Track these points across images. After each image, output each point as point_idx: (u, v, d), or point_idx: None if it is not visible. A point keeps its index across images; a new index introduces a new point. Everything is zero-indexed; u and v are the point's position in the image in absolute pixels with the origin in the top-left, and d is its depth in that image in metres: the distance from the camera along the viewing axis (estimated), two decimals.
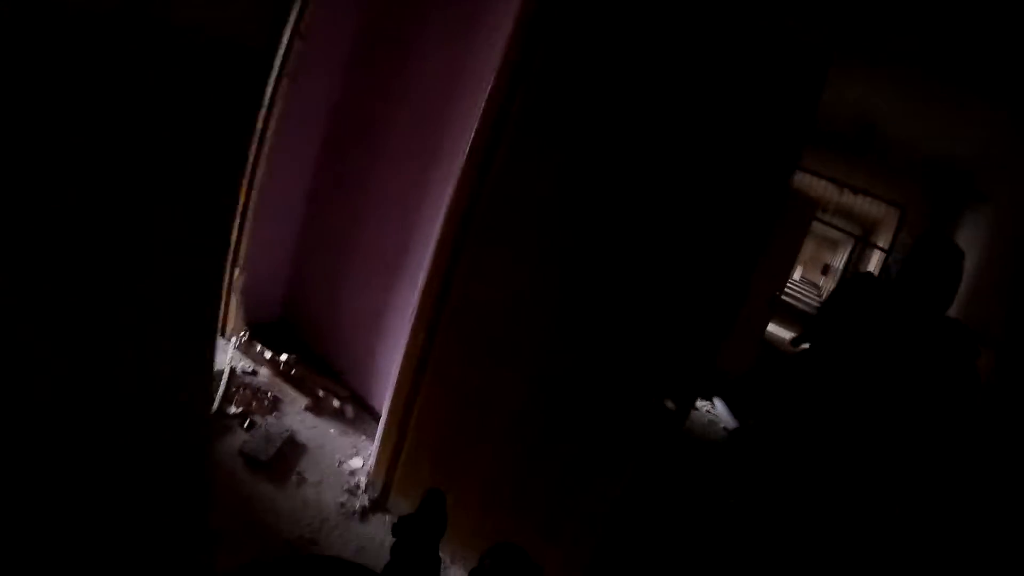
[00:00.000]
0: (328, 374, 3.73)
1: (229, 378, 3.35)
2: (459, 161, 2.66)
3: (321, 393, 3.51)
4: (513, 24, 2.51)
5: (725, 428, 5.25)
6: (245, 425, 3.08)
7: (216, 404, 3.11)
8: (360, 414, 3.52)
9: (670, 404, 2.28)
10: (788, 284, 11.11)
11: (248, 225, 3.69)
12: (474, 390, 2.64)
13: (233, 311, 3.77)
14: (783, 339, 9.01)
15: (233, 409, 3.15)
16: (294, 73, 3.43)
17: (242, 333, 3.72)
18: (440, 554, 1.46)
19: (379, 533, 2.71)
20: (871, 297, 2.46)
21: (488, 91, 2.54)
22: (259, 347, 3.68)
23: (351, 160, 3.81)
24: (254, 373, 3.54)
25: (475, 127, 2.58)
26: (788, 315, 11.31)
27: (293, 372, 3.59)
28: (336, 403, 3.48)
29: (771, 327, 8.33)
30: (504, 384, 2.57)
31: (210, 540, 2.21)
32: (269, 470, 2.85)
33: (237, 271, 3.73)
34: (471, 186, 2.60)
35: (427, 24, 3.42)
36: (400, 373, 2.83)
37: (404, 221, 3.45)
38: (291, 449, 3.06)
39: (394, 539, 1.44)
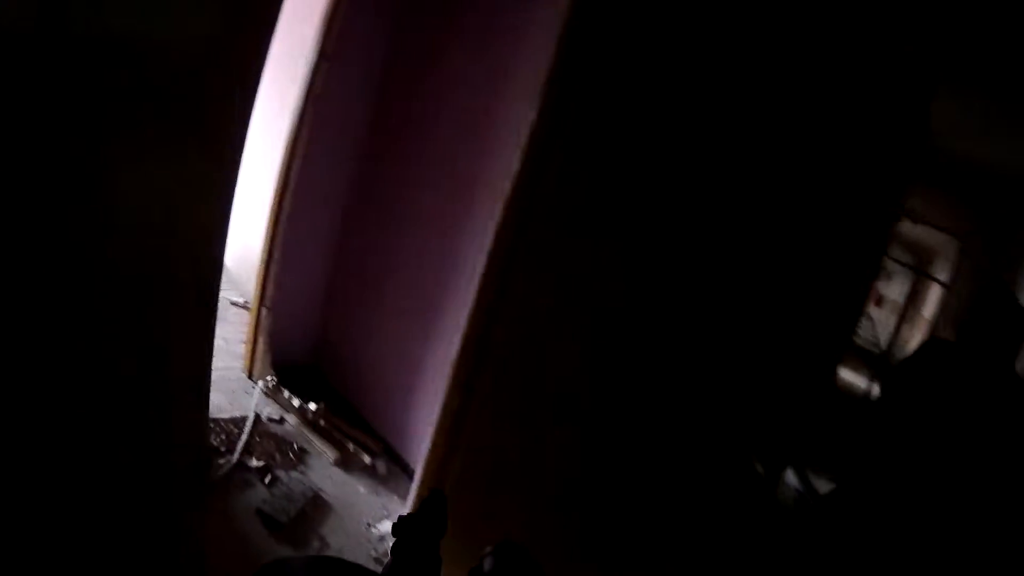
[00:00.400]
0: (360, 425, 3.43)
1: (253, 426, 3.07)
2: (502, 191, 2.37)
3: (351, 447, 3.21)
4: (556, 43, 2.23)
5: (797, 491, 4.73)
6: (267, 480, 2.78)
7: (236, 455, 2.82)
8: (393, 470, 3.20)
9: (759, 468, 1.92)
10: None
11: (275, 263, 3.47)
12: (521, 451, 2.31)
13: (260, 354, 3.52)
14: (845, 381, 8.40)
15: (254, 462, 2.86)
16: (320, 97, 3.24)
17: (269, 377, 3.46)
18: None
19: None
20: (946, 364, 2.38)
21: (535, 116, 2.27)
22: (287, 393, 3.41)
23: (383, 192, 3.58)
24: (280, 421, 3.26)
25: (519, 155, 2.30)
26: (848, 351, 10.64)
27: (322, 422, 3.29)
28: (367, 458, 3.16)
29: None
30: (557, 445, 2.23)
31: None
32: (288, 532, 2.54)
33: (264, 311, 3.49)
34: (517, 219, 2.31)
35: (461, 44, 3.20)
36: (436, 430, 2.51)
37: (442, 257, 3.16)
38: (314, 509, 2.74)
39: (394, 539, 1.41)
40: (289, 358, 3.72)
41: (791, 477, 4.89)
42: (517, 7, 2.89)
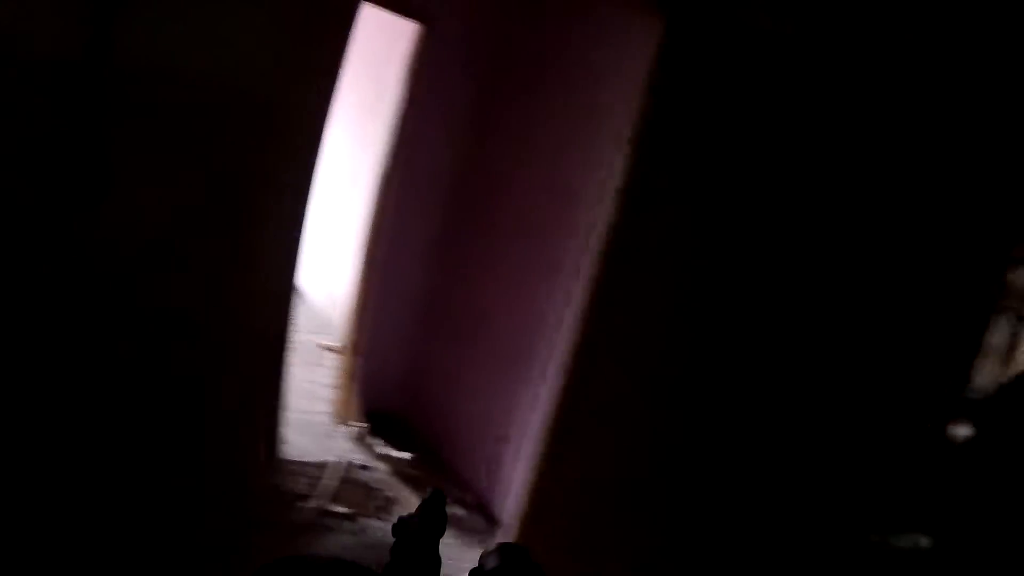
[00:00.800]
0: (450, 476, 3.23)
1: (340, 472, 2.95)
2: (590, 238, 2.23)
3: None
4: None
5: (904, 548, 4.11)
6: (349, 527, 2.62)
7: (320, 501, 2.69)
8: (481, 523, 2.97)
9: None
10: None
11: (366, 308, 3.42)
12: (616, 507, 2.07)
13: (349, 399, 3.43)
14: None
15: (339, 507, 2.71)
16: (407, 143, 3.23)
17: (359, 424, 3.36)
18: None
19: None
20: None
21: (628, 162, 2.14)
22: (376, 440, 3.29)
23: (473, 240, 3.48)
24: (368, 468, 3.12)
25: (614, 202, 2.18)
26: None
27: (410, 471, 3.13)
28: (456, 511, 2.95)
29: None
30: (654, 504, 1.99)
31: None
32: None
33: (354, 356, 3.43)
34: (610, 268, 2.16)
35: (548, 88, 3.12)
36: (529, 484, 2.32)
37: (532, 305, 3.00)
38: None
39: (394, 539, 1.39)
40: (379, 405, 3.62)
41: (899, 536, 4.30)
42: (606, 52, 2.80)
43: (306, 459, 2.99)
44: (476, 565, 2.38)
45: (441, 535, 1.42)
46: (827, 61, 1.94)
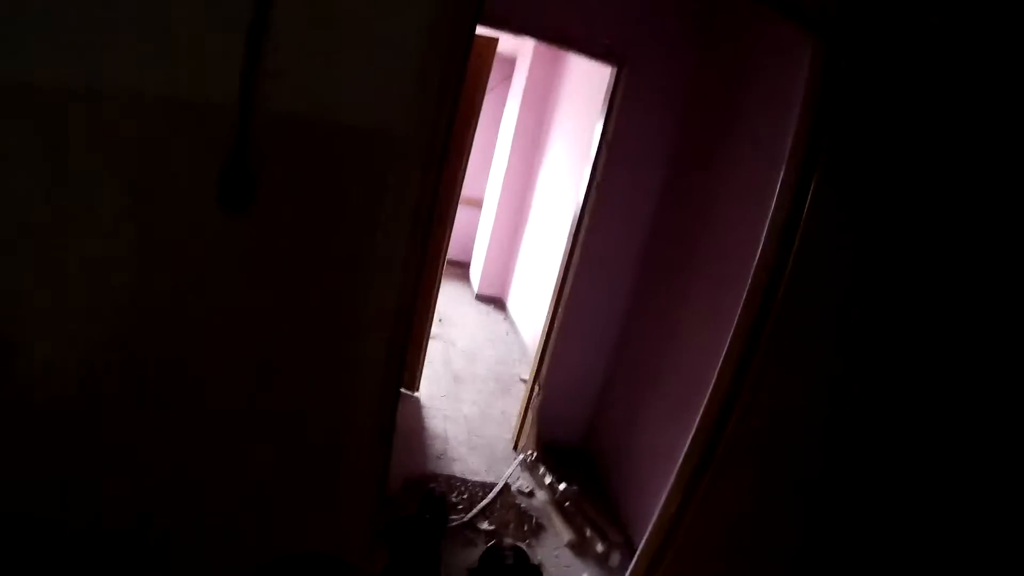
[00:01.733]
0: (610, 514, 3.26)
1: (499, 494, 3.18)
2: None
3: (588, 532, 3.06)
4: None
5: None
6: (491, 544, 2.82)
7: (469, 516, 2.94)
8: (626, 564, 2.93)
9: None
10: None
11: (552, 342, 3.62)
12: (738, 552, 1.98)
13: (527, 428, 3.66)
14: None
15: (486, 525, 2.94)
16: (601, 186, 3.37)
17: (531, 452, 3.56)
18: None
19: None
20: None
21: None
22: (543, 469, 3.45)
23: (664, 289, 3.42)
24: (530, 494, 3.29)
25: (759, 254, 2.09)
26: None
27: (567, 503, 3.23)
28: (601, 547, 2.97)
29: None
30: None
31: None
32: None
33: (537, 388, 3.65)
34: (757, 315, 2.07)
35: (744, 133, 2.98)
36: (653, 525, 2.31)
37: (701, 354, 2.90)
38: None
39: (394, 539, 1.45)
40: (560, 438, 3.77)
41: None
42: (790, 81, 2.64)
43: (473, 478, 3.28)
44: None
45: (442, 535, 1.46)
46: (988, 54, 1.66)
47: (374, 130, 1.57)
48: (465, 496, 3.09)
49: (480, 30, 3.35)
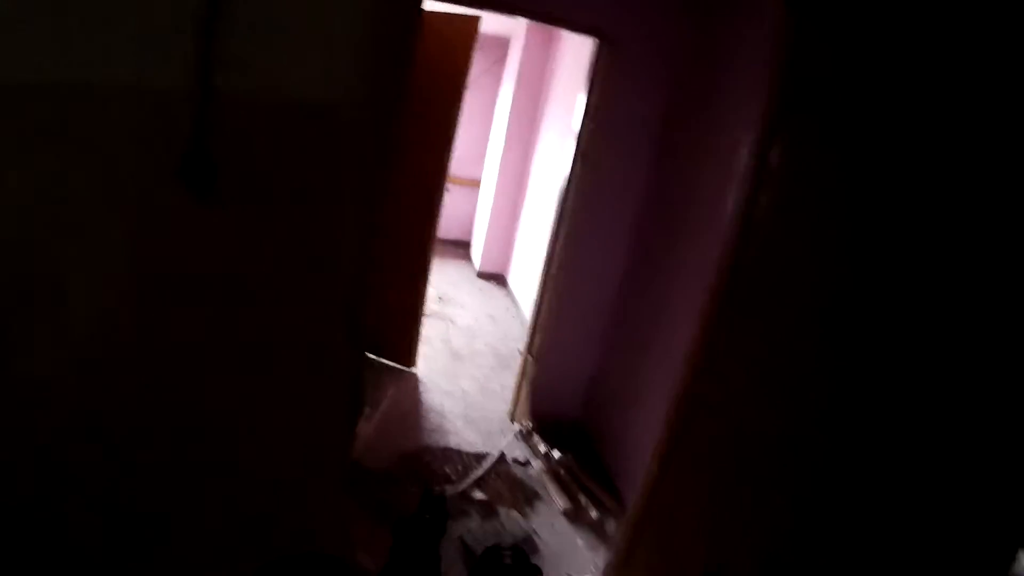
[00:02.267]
0: (607, 485, 3.31)
1: (494, 465, 3.24)
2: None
3: (583, 500, 3.12)
4: None
5: None
6: (486, 514, 2.89)
7: (463, 486, 3.01)
8: (613, 528, 3.00)
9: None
10: None
11: (544, 315, 3.66)
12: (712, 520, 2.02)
13: (521, 399, 3.71)
14: None
15: (479, 494, 3.00)
16: (586, 155, 3.38)
17: (526, 423, 3.62)
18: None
19: None
20: None
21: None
22: (538, 439, 3.51)
23: (654, 261, 3.43)
24: (525, 464, 3.36)
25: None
26: None
27: (562, 472, 3.29)
28: (595, 514, 3.03)
29: None
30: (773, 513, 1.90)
31: None
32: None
33: (529, 359, 3.70)
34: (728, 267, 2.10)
35: (719, 110, 2.98)
36: (639, 494, 2.37)
37: (695, 321, 2.91)
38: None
39: (394, 539, 1.44)
40: (557, 410, 3.81)
41: None
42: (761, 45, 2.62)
43: (467, 450, 3.34)
44: (599, 569, 2.53)
45: (442, 535, 1.47)
46: None
47: (324, 105, 1.61)
48: (459, 468, 3.15)
49: (461, 9, 3.39)
